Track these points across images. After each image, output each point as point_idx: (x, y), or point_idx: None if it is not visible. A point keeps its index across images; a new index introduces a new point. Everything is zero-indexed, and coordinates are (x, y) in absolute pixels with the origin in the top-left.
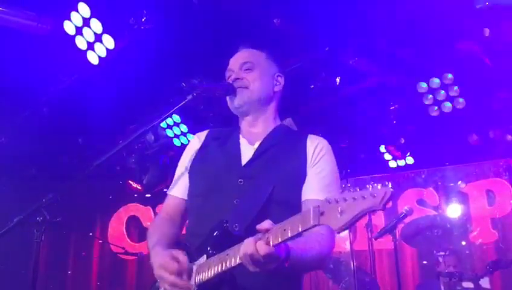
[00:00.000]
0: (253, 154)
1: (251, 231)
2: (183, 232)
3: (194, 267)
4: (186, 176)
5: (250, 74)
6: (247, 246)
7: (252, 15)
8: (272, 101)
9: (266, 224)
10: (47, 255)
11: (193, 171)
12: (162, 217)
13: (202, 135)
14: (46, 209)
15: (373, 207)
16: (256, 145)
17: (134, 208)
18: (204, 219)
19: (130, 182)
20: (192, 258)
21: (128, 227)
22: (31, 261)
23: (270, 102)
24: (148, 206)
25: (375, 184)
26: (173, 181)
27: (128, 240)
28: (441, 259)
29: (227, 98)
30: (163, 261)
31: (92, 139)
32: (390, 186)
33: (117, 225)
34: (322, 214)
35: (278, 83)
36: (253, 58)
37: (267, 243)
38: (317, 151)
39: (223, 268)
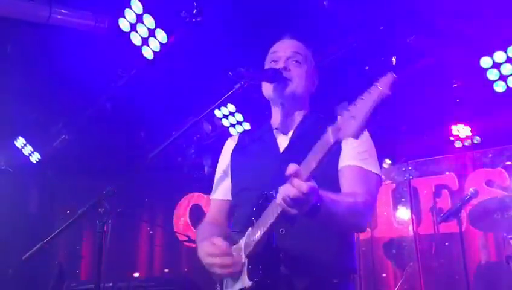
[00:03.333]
0: (289, 142)
1: None
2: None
3: (243, 242)
4: (227, 178)
5: (298, 68)
6: (282, 189)
7: None
8: (308, 98)
9: (292, 167)
10: (111, 244)
11: (235, 169)
12: (207, 221)
13: (235, 137)
14: (108, 200)
15: (381, 95)
16: (290, 134)
17: (197, 197)
18: (251, 205)
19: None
20: (241, 236)
21: (191, 216)
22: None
23: (307, 99)
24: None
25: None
26: (214, 186)
27: (193, 228)
28: (511, 242)
29: (268, 84)
30: (208, 249)
31: (153, 132)
32: (392, 72)
33: (181, 214)
34: (339, 130)
35: (315, 83)
36: (303, 52)
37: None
38: None
39: (266, 228)
